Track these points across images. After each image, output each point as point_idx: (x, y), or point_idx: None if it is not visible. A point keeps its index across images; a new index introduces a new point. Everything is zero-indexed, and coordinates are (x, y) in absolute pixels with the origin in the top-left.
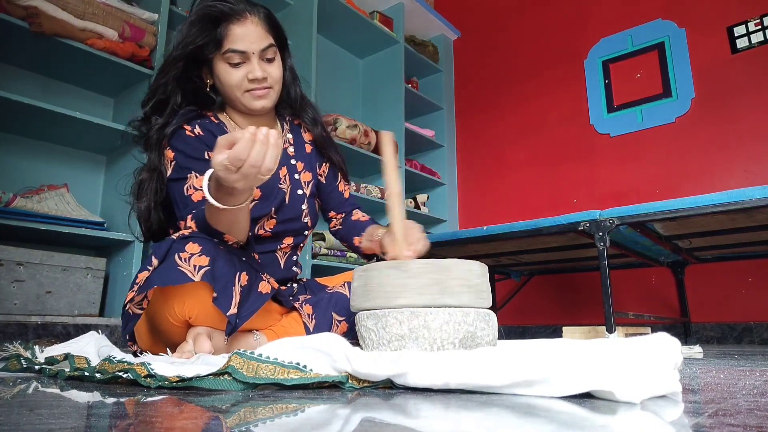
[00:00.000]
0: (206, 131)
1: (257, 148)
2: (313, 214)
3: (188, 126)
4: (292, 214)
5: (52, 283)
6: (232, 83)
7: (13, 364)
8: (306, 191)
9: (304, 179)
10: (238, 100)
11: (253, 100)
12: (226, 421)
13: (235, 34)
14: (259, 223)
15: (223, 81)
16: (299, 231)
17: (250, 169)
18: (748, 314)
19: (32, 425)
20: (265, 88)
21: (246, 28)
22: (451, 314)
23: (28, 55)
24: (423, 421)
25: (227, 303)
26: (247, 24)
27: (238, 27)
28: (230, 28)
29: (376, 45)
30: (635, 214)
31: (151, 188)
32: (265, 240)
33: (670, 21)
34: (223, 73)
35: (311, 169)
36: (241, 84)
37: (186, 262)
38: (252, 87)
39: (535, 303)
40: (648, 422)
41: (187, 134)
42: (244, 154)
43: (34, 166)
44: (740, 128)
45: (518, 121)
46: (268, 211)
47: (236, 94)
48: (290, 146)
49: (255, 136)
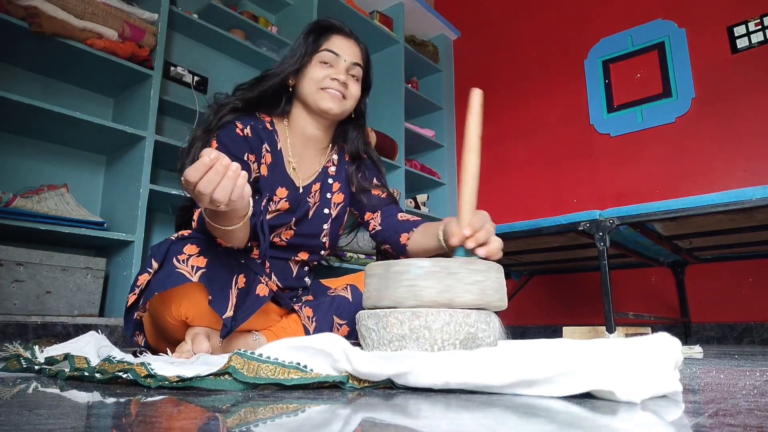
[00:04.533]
0: (255, 134)
1: (209, 176)
2: (334, 237)
3: (240, 123)
4: (312, 230)
5: (52, 283)
6: (314, 77)
7: (12, 364)
8: (333, 212)
9: (336, 200)
10: (311, 96)
11: (325, 99)
12: (226, 421)
13: (335, 41)
14: (277, 231)
15: (308, 75)
16: (315, 249)
17: (199, 194)
18: (748, 314)
19: (32, 425)
20: (340, 93)
21: (346, 42)
22: (453, 315)
23: (28, 55)
24: (423, 421)
25: (223, 306)
26: (349, 41)
27: (340, 39)
28: (333, 36)
29: (376, 45)
30: (635, 214)
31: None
32: (279, 248)
33: (670, 21)
34: (311, 69)
35: (346, 191)
36: (322, 81)
37: (184, 263)
38: (330, 86)
39: (535, 303)
40: (648, 422)
41: (237, 131)
42: (193, 177)
43: (33, 166)
44: (740, 128)
45: (518, 121)
46: (289, 221)
47: (313, 88)
48: (333, 166)
49: (212, 162)
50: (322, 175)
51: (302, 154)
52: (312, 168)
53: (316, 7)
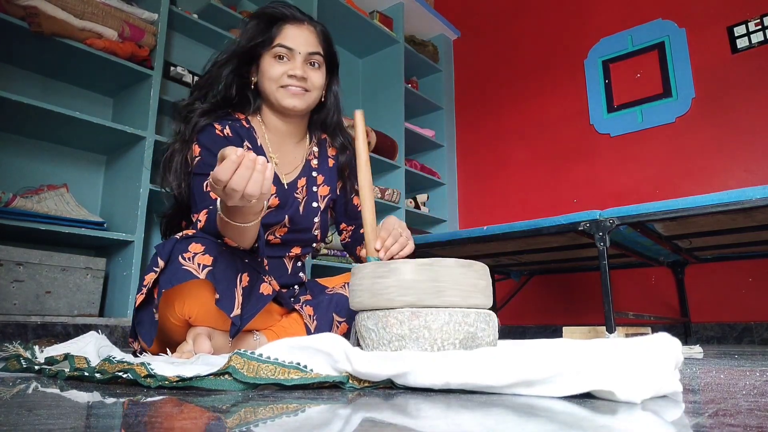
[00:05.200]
0: (235, 134)
1: (240, 173)
2: (324, 228)
3: (219, 125)
4: (304, 224)
5: (52, 283)
6: (271, 76)
7: (12, 364)
8: (321, 205)
9: (322, 193)
10: (273, 95)
11: (286, 97)
12: (226, 421)
13: (287, 33)
14: (270, 229)
15: (265, 74)
16: (308, 242)
17: (231, 191)
18: (748, 314)
19: (32, 425)
20: (301, 88)
21: (299, 30)
22: (452, 314)
23: (28, 55)
24: (424, 421)
25: (230, 304)
26: (302, 28)
27: (292, 28)
28: (285, 27)
29: (376, 45)
30: (635, 214)
31: (180, 160)
32: (273, 246)
33: (670, 21)
34: (267, 66)
35: (330, 183)
36: (280, 78)
37: (190, 261)
38: (289, 83)
39: (535, 303)
40: (649, 422)
41: (217, 133)
42: (223, 176)
43: (33, 166)
44: (740, 128)
45: (518, 120)
46: (281, 220)
47: (273, 87)
48: (314, 159)
49: (240, 159)
50: (306, 169)
51: (281, 149)
52: (294, 162)
53: (315, 7)
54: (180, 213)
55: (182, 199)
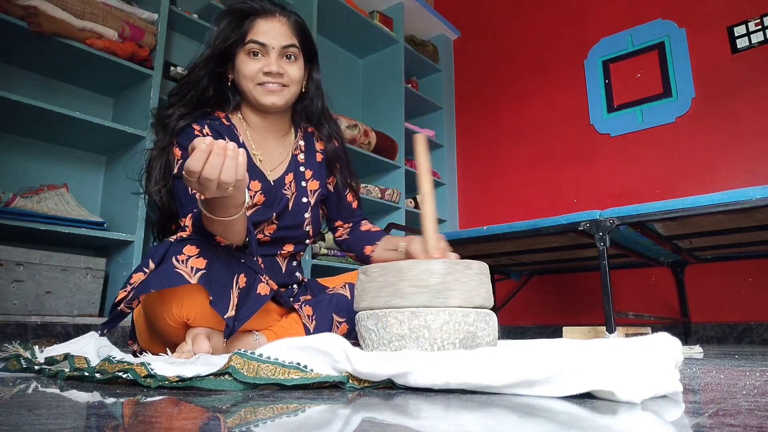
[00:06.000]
0: (214, 132)
1: (212, 161)
2: (316, 223)
3: (197, 125)
4: (294, 221)
5: (52, 283)
6: (247, 74)
7: (12, 364)
8: (311, 200)
9: (311, 188)
10: (250, 93)
11: (264, 95)
12: (226, 421)
13: (259, 28)
14: (259, 227)
15: (240, 72)
16: (300, 239)
17: (205, 181)
18: (748, 314)
19: (32, 425)
20: (279, 84)
21: (271, 24)
22: (452, 314)
23: (28, 55)
24: (424, 421)
25: (225, 306)
26: (274, 21)
27: (264, 22)
28: (257, 22)
29: (375, 45)
30: (635, 214)
31: (159, 166)
32: (264, 244)
33: (670, 21)
34: (242, 64)
35: (320, 178)
36: (256, 76)
37: (183, 264)
38: (266, 80)
39: (535, 303)
40: (649, 422)
41: (195, 133)
42: (195, 166)
43: (33, 166)
44: (740, 128)
45: (518, 121)
46: (269, 217)
47: (250, 85)
48: (301, 153)
49: (210, 147)
50: (292, 164)
51: (265, 145)
52: (279, 158)
53: (315, 6)
54: (168, 219)
55: (163, 205)
